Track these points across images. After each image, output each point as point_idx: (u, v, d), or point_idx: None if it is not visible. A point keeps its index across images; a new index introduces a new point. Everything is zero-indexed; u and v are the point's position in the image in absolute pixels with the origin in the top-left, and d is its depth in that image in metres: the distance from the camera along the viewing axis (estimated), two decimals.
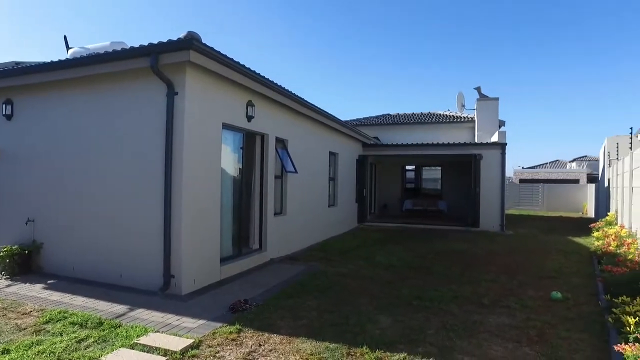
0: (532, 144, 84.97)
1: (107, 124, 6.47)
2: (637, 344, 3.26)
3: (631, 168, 8.52)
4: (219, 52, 5.94)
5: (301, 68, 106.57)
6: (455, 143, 15.78)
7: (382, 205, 20.37)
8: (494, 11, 64.04)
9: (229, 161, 7.52)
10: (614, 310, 4.20)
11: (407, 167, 21.60)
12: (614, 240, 7.38)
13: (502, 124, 18.63)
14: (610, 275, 5.00)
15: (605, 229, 9.82)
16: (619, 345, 3.36)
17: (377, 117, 23.72)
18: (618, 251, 6.60)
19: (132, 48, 5.85)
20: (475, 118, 19.19)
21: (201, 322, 4.72)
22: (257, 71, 7.19)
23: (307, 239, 10.68)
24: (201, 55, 5.68)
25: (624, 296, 4.32)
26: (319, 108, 10.65)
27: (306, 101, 9.72)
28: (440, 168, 20.50)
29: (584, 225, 17.93)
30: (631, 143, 12.63)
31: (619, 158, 14.92)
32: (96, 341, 4.18)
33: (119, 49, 6.79)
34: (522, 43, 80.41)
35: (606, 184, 16.33)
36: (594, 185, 24.25)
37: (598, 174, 28.37)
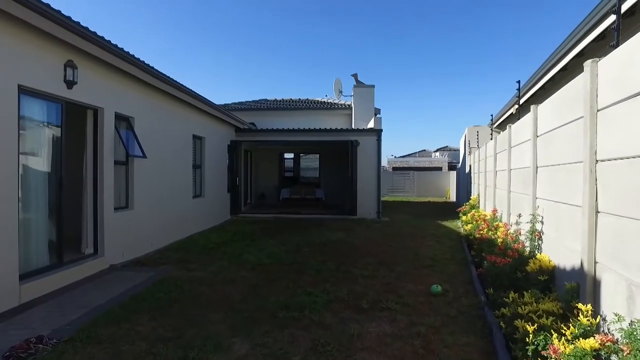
0: (403, 134, 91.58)
1: None
2: None
3: (495, 152, 8.62)
4: None
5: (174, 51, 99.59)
6: (332, 129, 15.27)
7: (260, 194, 19.24)
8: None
9: (39, 141, 5.62)
10: (504, 311, 3.60)
11: (286, 156, 20.79)
12: (485, 225, 7.27)
13: (377, 111, 18.74)
14: (493, 266, 4.55)
15: (473, 212, 9.99)
16: None
17: (253, 102, 22.36)
18: (493, 237, 6.42)
19: None
20: (352, 105, 19.06)
21: None
22: (79, 22, 5.41)
23: (165, 237, 9.02)
24: None
25: (512, 292, 3.78)
26: (179, 83, 9.00)
27: (159, 72, 8.02)
28: (318, 156, 20.08)
29: (448, 209, 19.05)
30: (492, 128, 13.40)
31: (479, 145, 15.91)
32: None
33: None
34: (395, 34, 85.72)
35: (467, 170, 17.40)
36: (454, 172, 26.33)
37: (457, 163, 31.05)
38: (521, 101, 8.66)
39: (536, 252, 4.63)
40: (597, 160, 2.87)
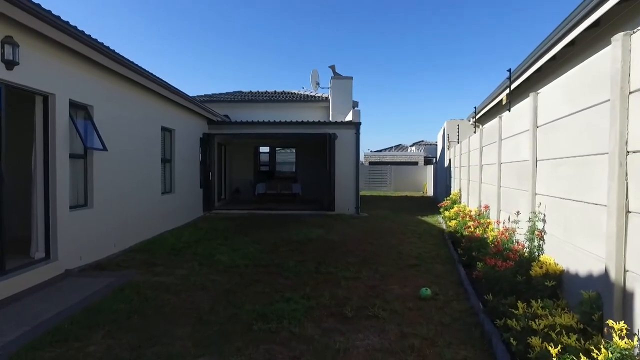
0: (378, 129, 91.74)
1: None
2: None
3: (480, 145, 8.27)
4: None
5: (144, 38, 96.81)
6: (309, 121, 14.73)
7: (234, 189, 18.58)
8: None
9: None
10: (510, 323, 3.15)
11: (262, 149, 20.16)
12: (476, 222, 6.85)
13: (355, 104, 18.30)
14: (493, 269, 4.13)
15: (457, 208, 9.65)
16: None
17: (227, 93, 21.52)
18: (484, 235, 6.04)
19: None
20: (330, 97, 18.55)
21: None
22: None
23: (130, 237, 8.32)
24: None
25: (519, 301, 3.34)
26: (144, 69, 8.27)
27: (121, 56, 7.29)
28: (295, 150, 19.54)
29: (426, 204, 18.87)
30: (475, 119, 13.07)
31: (460, 139, 15.68)
32: None
33: None
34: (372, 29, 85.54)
35: (446, 165, 17.19)
36: (432, 166, 26.20)
37: (433, 157, 31.00)
38: (513, 86, 8.24)
39: (537, 253, 4.23)
40: (628, 152, 2.45)
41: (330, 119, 17.48)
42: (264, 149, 20.25)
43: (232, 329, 4.14)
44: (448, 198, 12.75)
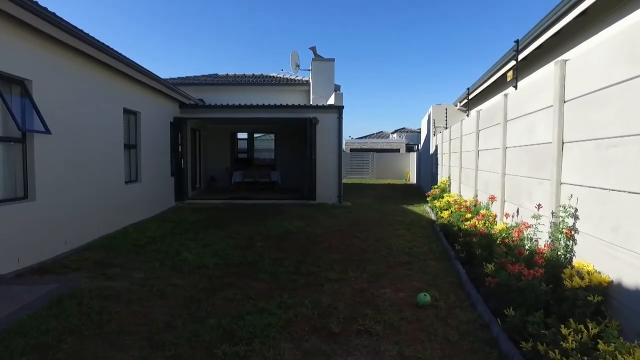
0: (360, 116, 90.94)
1: None
2: None
3: (477, 129, 7.52)
4: None
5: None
6: (289, 105, 13.78)
7: (210, 178, 17.56)
8: None
9: None
10: (544, 351, 2.39)
11: (239, 135, 19.12)
12: (478, 216, 6.03)
13: (337, 88, 17.42)
14: (515, 279, 3.32)
15: (454, 198, 8.89)
16: None
17: (202, 76, 20.31)
18: (491, 231, 5.29)
19: None
20: (311, 80, 17.60)
21: None
22: None
23: (86, 232, 7.32)
24: None
25: (563, 326, 2.56)
26: (100, 42, 7.19)
27: (69, 24, 6.22)
28: (274, 135, 18.59)
29: (410, 191, 18.31)
30: (468, 100, 12.35)
31: (448, 124, 14.99)
32: None
33: None
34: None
35: (432, 151, 16.52)
36: (414, 153, 25.62)
37: (415, 144, 30.44)
38: (520, 57, 7.40)
39: (567, 256, 3.47)
40: None
41: (311, 103, 16.55)
42: (242, 135, 19.25)
43: (190, 353, 3.30)
44: (436, 186, 12.06)
